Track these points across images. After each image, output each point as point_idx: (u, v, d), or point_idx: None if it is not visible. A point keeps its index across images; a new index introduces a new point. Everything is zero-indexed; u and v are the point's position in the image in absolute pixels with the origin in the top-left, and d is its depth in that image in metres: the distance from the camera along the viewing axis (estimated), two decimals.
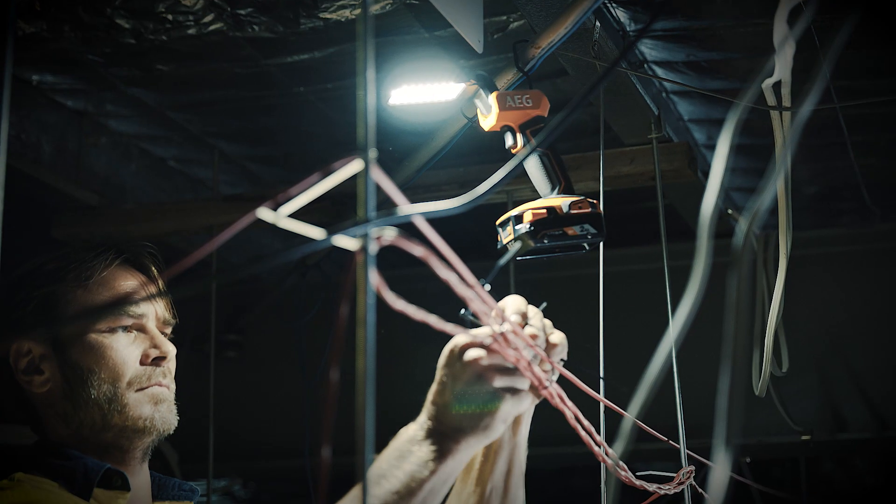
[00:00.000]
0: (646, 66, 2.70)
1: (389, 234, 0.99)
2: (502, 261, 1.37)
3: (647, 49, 2.65)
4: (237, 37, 2.60)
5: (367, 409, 0.94)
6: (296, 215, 0.91)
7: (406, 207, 1.02)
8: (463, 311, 1.24)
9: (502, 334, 1.22)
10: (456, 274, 1.14)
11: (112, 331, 1.63)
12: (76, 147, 3.21)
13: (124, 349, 1.63)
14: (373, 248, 0.95)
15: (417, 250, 1.02)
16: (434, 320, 1.06)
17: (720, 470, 0.92)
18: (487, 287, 1.21)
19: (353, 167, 1.00)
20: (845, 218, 3.98)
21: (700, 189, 3.16)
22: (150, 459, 1.70)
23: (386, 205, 1.00)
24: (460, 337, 1.25)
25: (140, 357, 1.64)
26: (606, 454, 1.44)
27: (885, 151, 3.44)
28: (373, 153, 1.00)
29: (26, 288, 1.66)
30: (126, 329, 1.65)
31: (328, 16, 2.46)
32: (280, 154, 3.49)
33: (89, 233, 3.24)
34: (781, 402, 3.56)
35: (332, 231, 0.96)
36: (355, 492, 1.28)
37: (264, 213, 0.98)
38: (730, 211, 3.37)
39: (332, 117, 3.08)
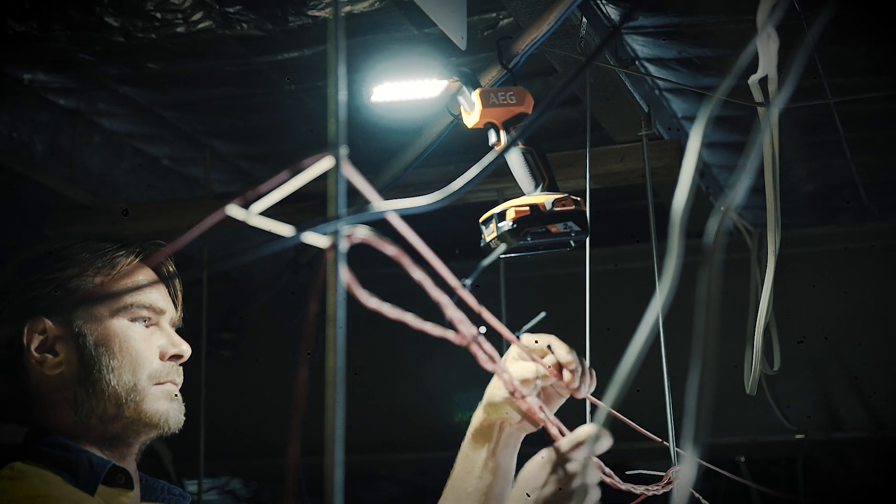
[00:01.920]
0: (637, 63, 2.68)
1: (361, 232, 0.98)
2: (485, 262, 1.36)
3: (639, 46, 2.64)
4: (226, 35, 2.59)
5: (337, 407, 0.93)
6: (285, 213, 0.91)
7: (379, 204, 1.01)
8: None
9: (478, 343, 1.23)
10: (437, 273, 1.13)
11: (133, 321, 1.63)
12: (69, 146, 3.20)
13: (144, 341, 1.63)
14: (343, 246, 0.94)
15: (390, 249, 1.01)
16: (410, 319, 1.05)
17: (688, 468, 0.91)
18: (468, 287, 1.20)
19: (324, 164, 0.99)
20: (842, 216, 3.96)
21: (693, 186, 3.15)
22: (143, 457, 1.70)
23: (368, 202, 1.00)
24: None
25: (158, 353, 1.64)
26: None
27: (882, 149, 3.43)
28: (344, 150, 0.99)
29: (46, 268, 1.64)
30: (145, 322, 1.65)
31: (316, 13, 2.46)
32: (272, 152, 3.49)
33: (82, 232, 3.24)
34: (776, 401, 3.55)
35: (301, 228, 0.95)
36: None
37: (234, 211, 0.97)
38: (722, 208, 3.35)
39: (323, 115, 3.07)
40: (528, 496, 1.42)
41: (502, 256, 1.76)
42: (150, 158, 3.52)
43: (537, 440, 1.88)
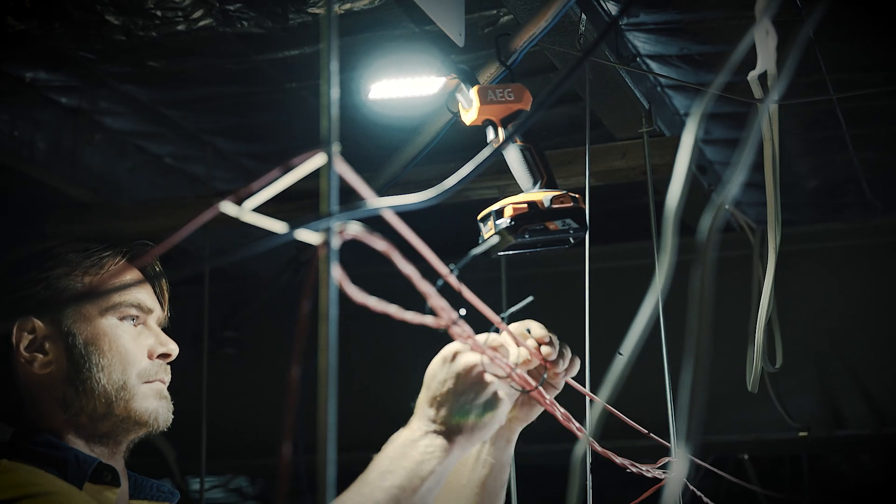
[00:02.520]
0: (639, 59, 2.68)
1: (352, 228, 0.97)
2: (476, 250, 1.36)
3: (641, 43, 2.63)
4: (227, 33, 2.59)
5: (329, 404, 0.93)
6: (285, 210, 0.91)
7: (372, 201, 1.01)
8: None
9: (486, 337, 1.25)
10: (430, 268, 1.13)
11: (121, 319, 1.64)
12: (71, 144, 3.20)
13: (133, 340, 1.64)
14: (335, 243, 0.94)
15: (380, 245, 1.01)
16: (394, 310, 1.06)
17: (679, 466, 0.91)
18: (456, 273, 1.20)
19: (316, 161, 0.99)
20: (846, 212, 3.95)
21: (696, 183, 3.14)
22: (146, 456, 1.70)
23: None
24: (453, 344, 1.38)
25: (147, 351, 1.65)
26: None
27: (886, 145, 3.42)
28: (336, 147, 0.99)
29: (36, 268, 1.65)
30: (133, 321, 1.66)
31: (316, 10, 2.45)
32: (274, 150, 3.49)
33: (84, 230, 3.24)
34: (779, 399, 3.54)
35: (294, 225, 0.95)
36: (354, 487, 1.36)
37: (228, 208, 0.97)
38: (727, 205, 3.34)
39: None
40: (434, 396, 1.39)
41: (500, 253, 1.75)
42: (152, 157, 3.51)
43: (542, 438, 1.88)
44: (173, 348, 1.68)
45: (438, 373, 1.39)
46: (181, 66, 2.83)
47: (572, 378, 1.59)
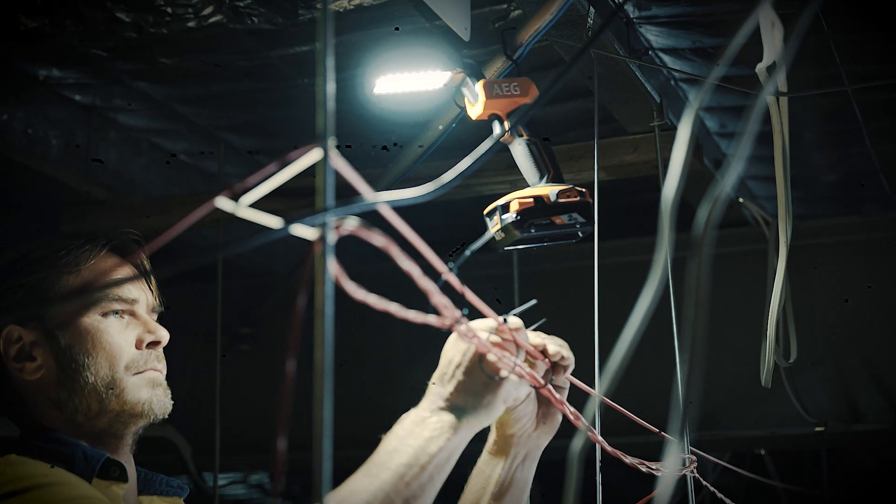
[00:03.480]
0: (651, 52, 2.66)
1: (349, 223, 0.97)
2: (473, 246, 1.36)
3: (653, 36, 2.62)
4: (238, 29, 2.59)
5: (325, 401, 0.93)
6: (294, 208, 0.90)
7: (369, 196, 1.00)
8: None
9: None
10: (428, 261, 1.12)
11: (104, 315, 1.63)
12: (85, 142, 3.21)
13: (119, 333, 1.62)
14: (331, 238, 0.94)
15: (378, 240, 1.01)
16: (395, 308, 1.05)
17: (672, 460, 0.90)
18: (455, 271, 1.20)
19: (313, 156, 0.99)
20: (865, 206, 3.92)
21: (709, 178, 3.12)
22: (163, 452, 1.69)
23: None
24: (472, 324, 1.36)
25: (134, 342, 1.64)
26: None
27: None
28: (332, 141, 0.99)
29: (15, 275, 1.64)
30: (118, 314, 1.64)
31: None
32: (289, 146, 3.48)
33: (97, 227, 3.25)
34: (796, 393, 3.51)
35: (289, 220, 0.95)
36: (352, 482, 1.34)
37: (224, 203, 0.97)
38: (741, 200, 3.32)
39: (338, 108, 3.06)
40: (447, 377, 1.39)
41: (507, 248, 1.75)
42: (166, 153, 3.52)
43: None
44: (163, 335, 1.66)
45: (450, 350, 1.41)
46: (193, 63, 2.83)
47: (581, 378, 1.57)
